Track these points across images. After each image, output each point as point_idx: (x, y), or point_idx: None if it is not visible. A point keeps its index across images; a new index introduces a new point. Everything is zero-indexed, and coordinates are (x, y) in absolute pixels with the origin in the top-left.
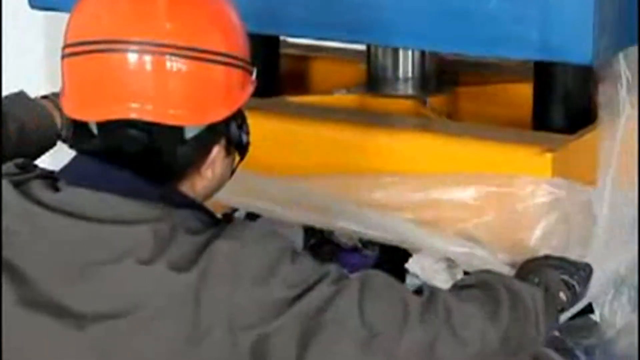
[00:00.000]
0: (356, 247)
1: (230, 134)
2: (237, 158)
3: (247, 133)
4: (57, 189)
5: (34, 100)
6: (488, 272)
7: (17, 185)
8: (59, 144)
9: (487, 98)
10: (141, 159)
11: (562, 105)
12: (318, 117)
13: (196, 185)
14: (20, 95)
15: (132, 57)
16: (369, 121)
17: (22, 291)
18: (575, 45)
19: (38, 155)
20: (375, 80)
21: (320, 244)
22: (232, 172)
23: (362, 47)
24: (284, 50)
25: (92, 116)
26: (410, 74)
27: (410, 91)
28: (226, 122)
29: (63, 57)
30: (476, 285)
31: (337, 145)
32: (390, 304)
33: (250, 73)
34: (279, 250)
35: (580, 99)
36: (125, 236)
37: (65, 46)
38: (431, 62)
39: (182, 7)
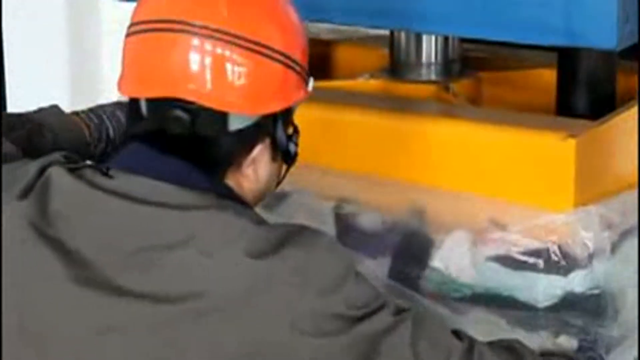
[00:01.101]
0: (380, 233)
1: (276, 137)
2: (284, 167)
3: (296, 144)
4: (109, 177)
5: (67, 115)
6: (519, 342)
7: (70, 171)
8: None
9: (511, 83)
10: (186, 145)
11: (586, 90)
12: (341, 102)
13: (242, 185)
14: (54, 108)
15: (193, 40)
16: (391, 106)
17: (76, 271)
18: (599, 30)
19: None
20: (398, 66)
21: (347, 229)
22: (279, 181)
23: (385, 32)
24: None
25: (144, 93)
26: (433, 59)
27: (433, 76)
28: (274, 123)
29: (125, 36)
30: (507, 348)
31: (359, 130)
32: (439, 348)
33: (306, 82)
34: (345, 267)
35: (604, 84)
36: (186, 221)
37: (129, 25)
38: (454, 48)
39: (247, 1)
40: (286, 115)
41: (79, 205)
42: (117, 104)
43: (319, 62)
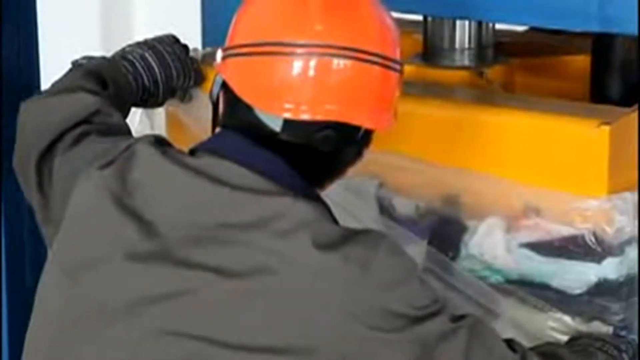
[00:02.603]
0: (414, 219)
1: (368, 146)
2: None
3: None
4: (195, 157)
5: (115, 64)
6: (564, 347)
7: (156, 147)
8: None
9: (544, 70)
10: (300, 152)
11: (620, 77)
12: None
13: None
14: (104, 60)
15: (333, 60)
16: (425, 92)
17: (149, 242)
18: (634, 17)
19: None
20: (431, 51)
21: (383, 213)
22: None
23: (418, 17)
24: None
25: (293, 114)
26: (467, 45)
27: (466, 62)
28: (370, 140)
29: (226, 57)
30: (554, 355)
31: None
32: (492, 358)
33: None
34: (407, 269)
35: (638, 71)
36: (263, 205)
37: (229, 47)
38: (488, 34)
39: (338, 9)
40: None
41: (158, 177)
42: (141, 44)
43: None
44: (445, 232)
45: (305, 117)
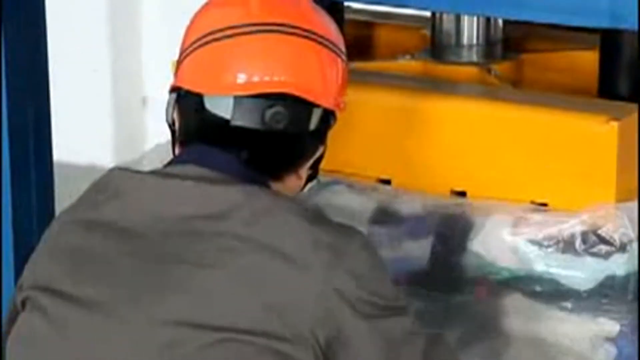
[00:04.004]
0: (421, 214)
1: (324, 145)
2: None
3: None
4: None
5: None
6: None
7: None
8: None
9: (552, 66)
10: (255, 140)
11: (629, 73)
12: (381, 83)
13: (288, 187)
14: None
15: (287, 38)
16: (433, 88)
17: (129, 245)
18: None
19: None
20: (439, 47)
21: (388, 209)
22: (303, 188)
23: (426, 13)
24: (348, 17)
25: (240, 90)
26: (475, 41)
27: (474, 58)
28: (329, 127)
29: (177, 66)
30: None
31: (400, 111)
32: None
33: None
34: (378, 264)
35: None
36: (226, 196)
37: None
38: (496, 29)
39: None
40: (334, 123)
41: (127, 187)
42: None
43: (360, 43)
44: (451, 228)
45: (254, 91)
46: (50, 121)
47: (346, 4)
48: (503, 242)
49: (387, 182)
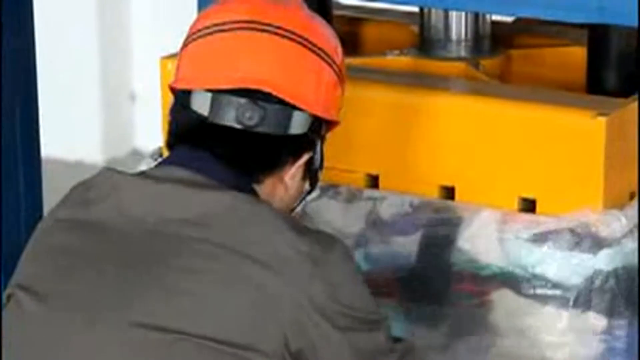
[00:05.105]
0: (409, 210)
1: (315, 152)
2: (305, 191)
3: (322, 167)
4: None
5: None
6: None
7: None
8: None
9: (541, 61)
10: (238, 141)
11: (616, 68)
12: (370, 79)
13: (275, 194)
14: None
15: (271, 37)
16: (421, 84)
17: (113, 246)
18: (630, 8)
19: None
20: (428, 43)
21: (376, 206)
22: (300, 201)
23: (415, 9)
24: (336, 12)
25: (218, 84)
26: (463, 37)
27: (463, 54)
28: (318, 136)
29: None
30: None
31: (389, 107)
32: None
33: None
34: (357, 276)
35: (635, 62)
36: (205, 199)
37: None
38: (484, 25)
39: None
40: (325, 133)
41: (115, 188)
42: None
43: (349, 38)
44: (440, 224)
45: (232, 85)
46: (38, 117)
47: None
48: (491, 237)
49: (375, 177)
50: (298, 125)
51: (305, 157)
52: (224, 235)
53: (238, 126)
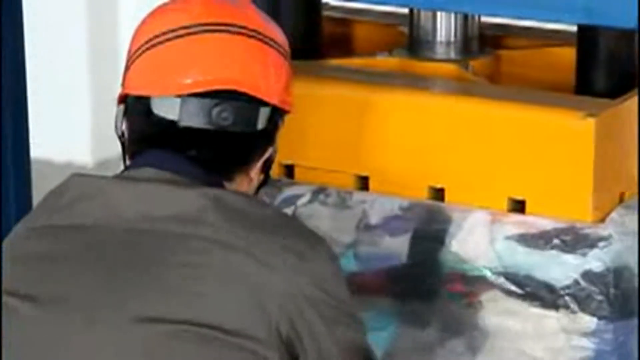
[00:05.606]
0: (400, 211)
1: (274, 146)
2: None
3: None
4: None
5: None
6: None
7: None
8: None
9: (529, 62)
10: (206, 140)
11: (605, 69)
12: (359, 80)
13: (241, 189)
14: None
15: (234, 38)
16: (410, 84)
17: (100, 246)
18: (619, 9)
19: None
20: (416, 44)
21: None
22: (254, 193)
23: (404, 10)
24: (325, 13)
25: (187, 89)
26: (452, 37)
27: (452, 55)
28: (277, 128)
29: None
30: None
31: (378, 108)
32: None
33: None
34: (341, 274)
35: (624, 63)
36: (183, 197)
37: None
38: (473, 26)
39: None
40: (282, 124)
41: (91, 191)
42: None
43: (338, 40)
44: (430, 225)
45: (200, 89)
46: (27, 119)
47: (324, 0)
48: (481, 238)
49: (365, 179)
50: (264, 119)
51: (269, 151)
52: (213, 230)
53: (211, 127)
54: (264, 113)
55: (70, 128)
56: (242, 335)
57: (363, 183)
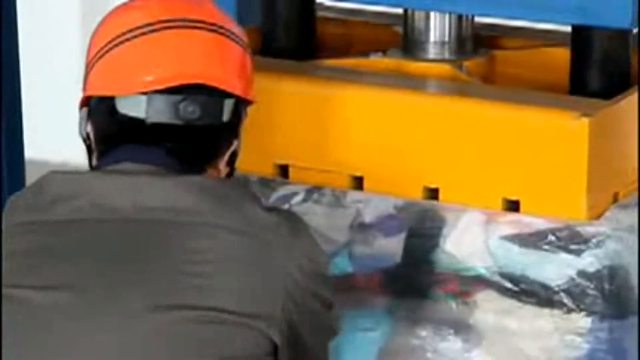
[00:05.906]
0: (394, 211)
1: (239, 139)
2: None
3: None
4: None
5: None
6: None
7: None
8: None
9: (524, 62)
10: (175, 135)
11: (600, 69)
12: (352, 80)
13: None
14: None
15: (195, 32)
16: (404, 85)
17: (97, 238)
18: (613, 9)
19: None
20: (411, 44)
21: (361, 207)
22: None
23: (398, 10)
24: (319, 14)
25: (151, 86)
26: (446, 38)
27: (446, 55)
28: (241, 120)
29: (85, 80)
30: None
31: (373, 108)
32: None
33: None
34: (325, 259)
35: (618, 63)
36: (165, 186)
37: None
38: (467, 26)
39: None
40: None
41: (73, 187)
42: None
43: (332, 40)
44: (424, 225)
45: (164, 85)
46: (22, 119)
47: (318, 0)
48: (476, 238)
49: (360, 179)
50: (229, 111)
51: (235, 144)
52: (212, 216)
53: (179, 122)
54: (228, 105)
55: (65, 128)
56: (251, 315)
57: (357, 183)
